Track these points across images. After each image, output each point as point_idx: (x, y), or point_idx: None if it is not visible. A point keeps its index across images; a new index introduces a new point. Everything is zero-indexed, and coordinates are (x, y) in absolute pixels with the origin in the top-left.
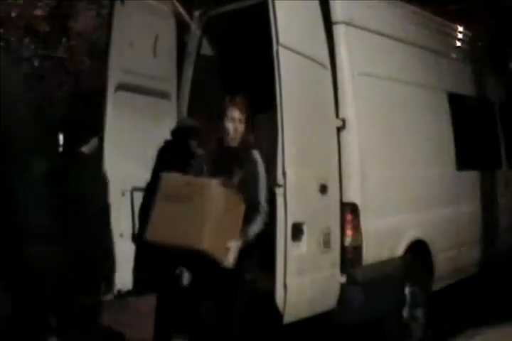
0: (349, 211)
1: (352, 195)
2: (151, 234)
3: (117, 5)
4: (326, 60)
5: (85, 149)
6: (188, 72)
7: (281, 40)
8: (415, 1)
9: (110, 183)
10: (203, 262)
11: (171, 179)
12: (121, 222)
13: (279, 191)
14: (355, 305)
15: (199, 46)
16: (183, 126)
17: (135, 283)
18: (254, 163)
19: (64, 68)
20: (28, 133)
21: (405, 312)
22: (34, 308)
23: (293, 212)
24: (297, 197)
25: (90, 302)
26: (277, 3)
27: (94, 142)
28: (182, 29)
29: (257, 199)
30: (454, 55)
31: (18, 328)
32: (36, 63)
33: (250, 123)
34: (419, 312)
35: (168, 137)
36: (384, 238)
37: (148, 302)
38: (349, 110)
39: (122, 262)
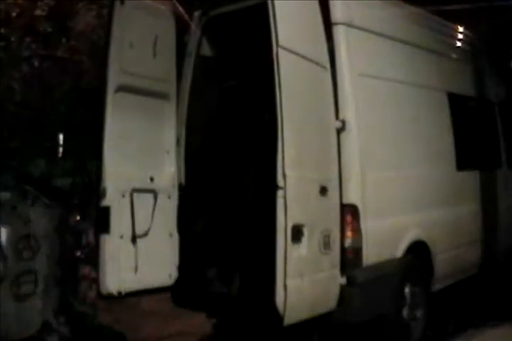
0: (349, 212)
1: (352, 197)
2: None
3: (117, 5)
4: (326, 61)
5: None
6: (188, 73)
7: (280, 42)
8: (415, 1)
9: (110, 185)
10: None
11: None
12: (122, 223)
13: (279, 193)
14: (355, 306)
15: (199, 47)
16: None
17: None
18: None
19: (64, 68)
20: None
21: (405, 313)
22: None
23: (293, 213)
24: (297, 199)
25: None
26: (277, 4)
27: None
28: (182, 29)
29: None
30: (454, 55)
31: None
32: (36, 63)
33: None
34: (419, 312)
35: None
36: (384, 239)
37: (150, 302)
38: (349, 111)
39: (122, 263)
